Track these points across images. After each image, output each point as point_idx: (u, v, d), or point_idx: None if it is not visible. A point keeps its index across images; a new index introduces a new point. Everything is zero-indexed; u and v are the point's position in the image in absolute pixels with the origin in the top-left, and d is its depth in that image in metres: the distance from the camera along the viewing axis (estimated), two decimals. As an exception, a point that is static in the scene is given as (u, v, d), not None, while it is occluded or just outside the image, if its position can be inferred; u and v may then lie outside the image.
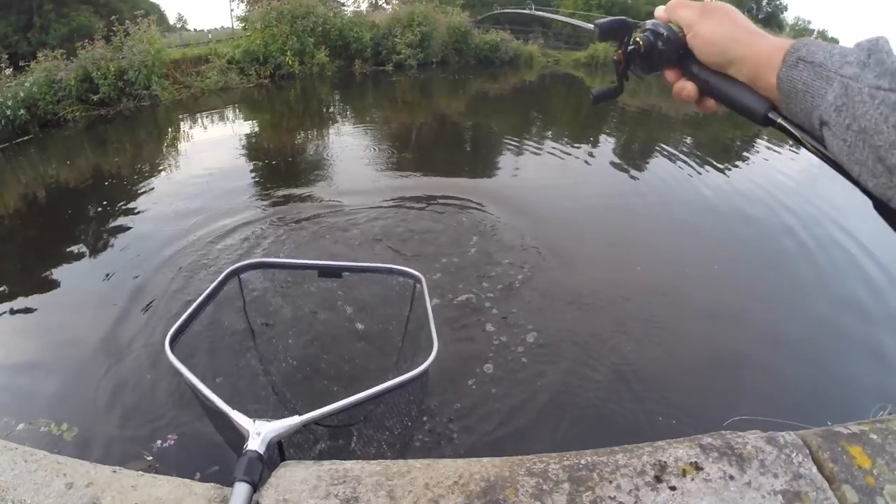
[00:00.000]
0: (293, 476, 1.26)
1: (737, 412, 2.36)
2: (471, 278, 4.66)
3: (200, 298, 2.25)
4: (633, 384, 3.62)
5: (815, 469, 1.36)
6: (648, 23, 0.79)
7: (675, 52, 0.76)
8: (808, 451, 1.42)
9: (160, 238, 5.30)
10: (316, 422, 1.54)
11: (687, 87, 0.76)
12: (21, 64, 12.90)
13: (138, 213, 6.14)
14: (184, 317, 2.11)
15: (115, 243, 5.37)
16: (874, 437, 1.49)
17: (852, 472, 1.35)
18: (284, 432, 1.39)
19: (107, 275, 4.69)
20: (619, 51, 0.83)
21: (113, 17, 14.52)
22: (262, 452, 1.30)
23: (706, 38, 0.71)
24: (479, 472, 1.30)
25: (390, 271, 2.62)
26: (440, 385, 3.23)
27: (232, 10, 35.33)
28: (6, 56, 12.89)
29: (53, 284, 4.67)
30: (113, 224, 5.88)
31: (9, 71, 12.37)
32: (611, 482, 1.28)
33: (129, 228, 5.72)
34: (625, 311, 4.61)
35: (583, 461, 1.35)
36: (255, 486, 1.21)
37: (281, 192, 6.62)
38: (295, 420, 1.42)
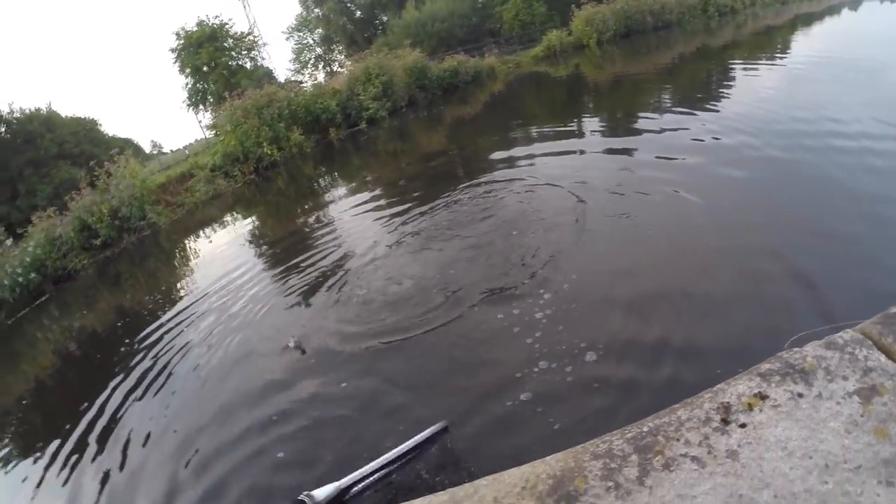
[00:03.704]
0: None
1: (792, 332, 2.24)
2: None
3: None
4: (679, 344, 3.54)
5: (883, 358, 1.28)
6: None
7: None
8: (870, 343, 1.34)
9: (196, 366, 5.26)
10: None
11: None
12: (18, 231, 13.31)
13: (168, 343, 6.09)
14: None
15: (152, 379, 5.31)
16: (935, 304, 1.41)
17: (923, 346, 1.27)
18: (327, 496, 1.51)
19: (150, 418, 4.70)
20: None
21: (91, 162, 14.95)
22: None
23: None
24: (545, 471, 1.25)
25: (426, 442, 2.43)
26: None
27: (200, 122, 36.15)
28: (2, 228, 13.31)
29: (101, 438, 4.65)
30: (146, 358, 5.85)
31: (9, 242, 12.75)
32: (678, 440, 1.21)
33: (163, 359, 5.67)
34: (647, 274, 4.57)
35: (645, 429, 1.29)
36: None
37: (301, 276, 6.65)
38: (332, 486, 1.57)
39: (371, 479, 1.83)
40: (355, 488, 1.85)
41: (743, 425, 1.20)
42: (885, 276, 3.81)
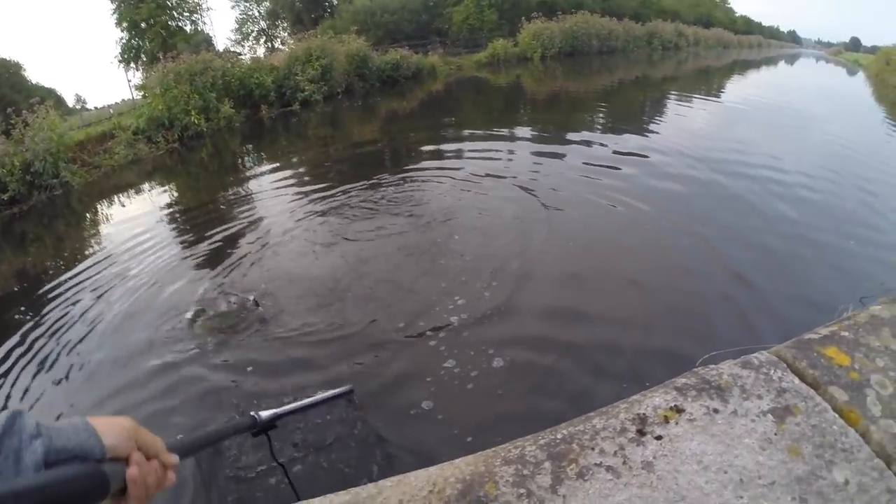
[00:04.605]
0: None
1: (705, 351, 2.31)
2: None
3: None
4: (594, 351, 3.63)
5: (797, 380, 1.31)
6: None
7: None
8: (784, 365, 1.37)
9: (97, 335, 4.95)
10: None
11: None
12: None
13: (69, 309, 5.72)
14: None
15: (48, 345, 4.97)
16: (845, 334, 1.45)
17: (834, 372, 1.30)
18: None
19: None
20: None
21: (9, 109, 13.90)
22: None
23: None
24: (454, 475, 1.19)
25: (323, 401, 2.61)
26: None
27: (130, 81, 34.35)
28: None
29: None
30: (43, 326, 5.49)
31: None
32: (593, 449, 1.18)
33: (61, 326, 5.32)
34: (571, 280, 4.67)
35: (559, 435, 1.26)
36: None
37: (208, 253, 6.45)
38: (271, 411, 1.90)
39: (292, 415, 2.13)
40: (279, 420, 2.05)
41: (659, 437, 1.19)
42: (802, 297, 4.04)
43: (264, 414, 1.88)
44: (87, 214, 11.10)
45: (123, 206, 10.89)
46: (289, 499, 2.56)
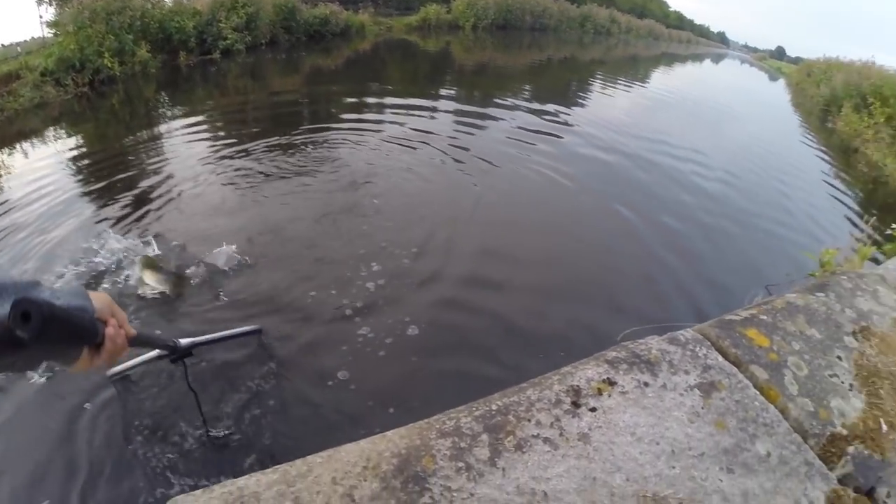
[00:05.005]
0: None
1: (626, 326, 2.39)
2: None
3: None
4: (513, 319, 3.69)
5: (720, 357, 1.37)
6: None
7: None
8: (709, 343, 1.43)
9: None
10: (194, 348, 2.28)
11: None
12: None
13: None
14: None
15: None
16: (764, 317, 1.53)
17: (755, 352, 1.37)
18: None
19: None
20: None
21: None
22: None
23: None
24: (388, 449, 1.15)
25: (236, 336, 2.91)
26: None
27: (42, 17, 31.61)
28: None
29: None
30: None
31: None
32: (529, 420, 1.20)
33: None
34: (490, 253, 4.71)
35: (494, 406, 1.26)
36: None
37: (121, 213, 6.02)
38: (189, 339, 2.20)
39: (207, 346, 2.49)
40: (196, 349, 2.34)
41: (593, 409, 1.22)
42: (716, 277, 4.25)
43: (183, 341, 2.12)
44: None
45: (26, 155, 10.16)
46: (194, 420, 2.69)
